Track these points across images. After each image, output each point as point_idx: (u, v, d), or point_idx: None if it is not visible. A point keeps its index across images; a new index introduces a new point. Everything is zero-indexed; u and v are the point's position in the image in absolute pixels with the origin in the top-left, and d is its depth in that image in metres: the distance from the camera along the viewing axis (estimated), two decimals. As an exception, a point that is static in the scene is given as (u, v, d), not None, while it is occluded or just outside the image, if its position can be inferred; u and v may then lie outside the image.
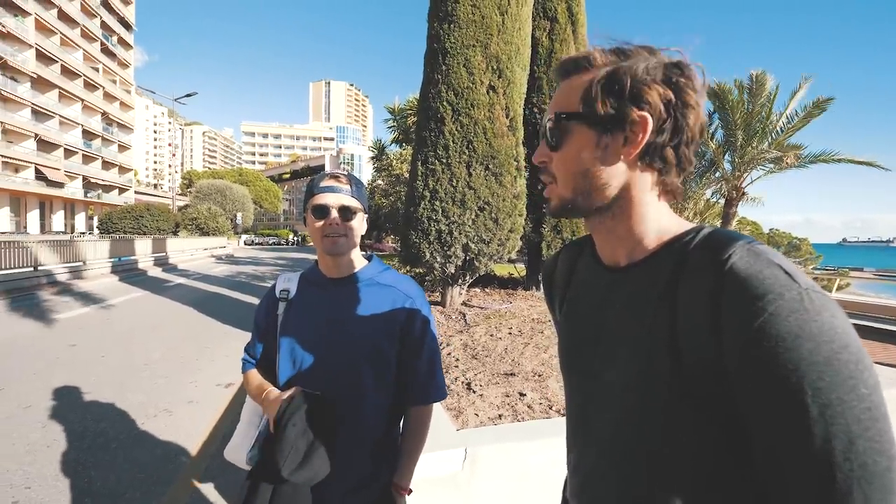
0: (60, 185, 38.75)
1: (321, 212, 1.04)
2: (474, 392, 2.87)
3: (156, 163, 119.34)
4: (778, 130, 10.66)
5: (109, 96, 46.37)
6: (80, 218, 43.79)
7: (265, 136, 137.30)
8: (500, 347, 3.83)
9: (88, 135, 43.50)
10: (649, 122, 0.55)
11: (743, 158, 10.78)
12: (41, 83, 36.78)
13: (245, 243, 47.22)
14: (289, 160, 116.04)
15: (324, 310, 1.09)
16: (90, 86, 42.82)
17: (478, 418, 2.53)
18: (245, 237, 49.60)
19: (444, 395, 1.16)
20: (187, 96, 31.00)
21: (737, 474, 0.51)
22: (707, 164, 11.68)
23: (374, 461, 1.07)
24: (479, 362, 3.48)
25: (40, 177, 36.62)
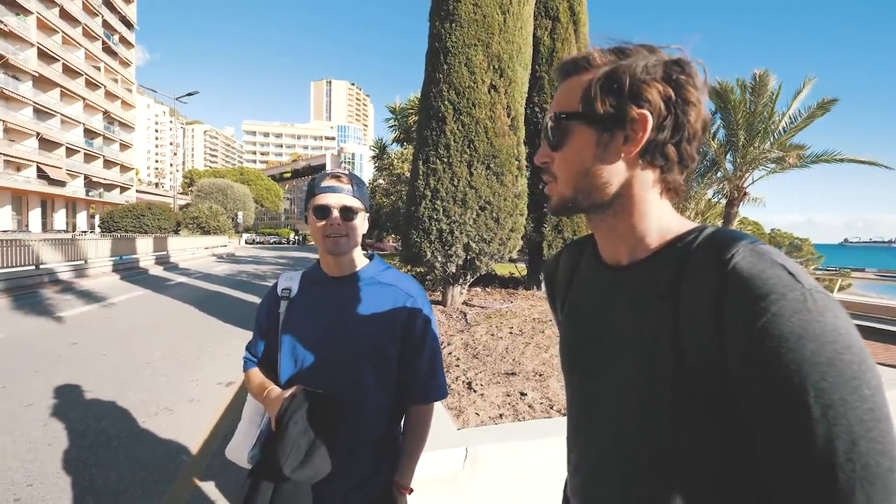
0: (62, 183, 38.83)
1: (322, 212, 1.04)
2: (475, 391, 2.87)
3: (157, 162, 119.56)
4: (780, 130, 10.64)
5: (111, 95, 46.46)
6: (81, 216, 43.89)
7: (266, 135, 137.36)
8: (501, 347, 3.83)
9: (90, 133, 43.59)
10: (649, 119, 0.55)
11: (745, 158, 10.76)
12: (43, 82, 36.87)
13: (246, 242, 47.31)
14: (290, 159, 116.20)
15: (325, 308, 1.09)
16: (92, 84, 42.91)
17: (478, 418, 2.53)
18: (246, 236, 49.70)
19: (445, 395, 1.16)
20: (188, 95, 31.06)
21: (739, 474, 0.51)
22: (709, 164, 11.67)
23: (376, 460, 1.07)
24: (480, 362, 3.48)
25: (42, 175, 36.70)
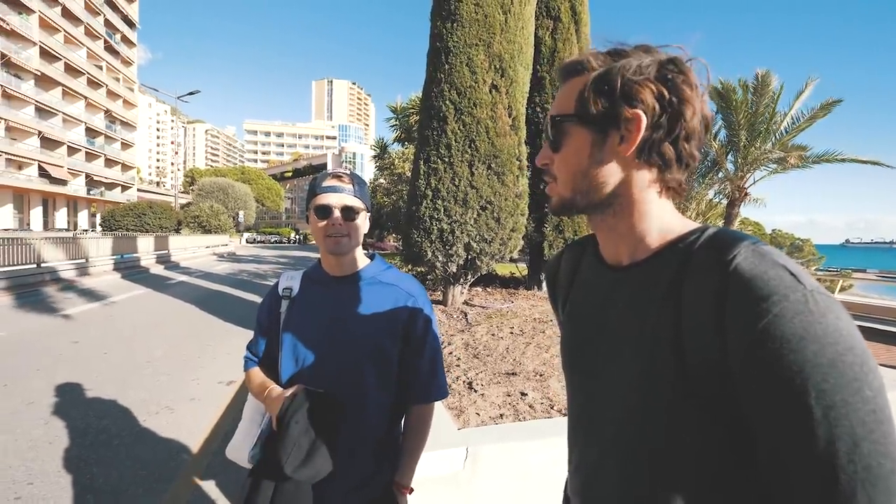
0: (63, 182, 38.91)
1: (324, 212, 1.04)
2: (475, 391, 2.87)
3: (158, 160, 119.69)
4: (782, 131, 10.62)
5: (112, 94, 46.53)
6: (82, 215, 43.98)
7: (268, 134, 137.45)
8: (502, 347, 3.83)
9: (91, 132, 43.67)
10: (642, 119, 0.56)
11: (746, 159, 10.74)
12: (45, 80, 36.94)
13: (247, 241, 47.38)
14: (291, 158, 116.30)
15: (327, 308, 1.09)
16: (93, 83, 42.98)
17: (479, 418, 2.53)
18: (247, 235, 49.75)
19: (445, 394, 1.16)
20: (190, 94, 31.09)
21: (740, 475, 0.51)
22: (710, 165, 11.66)
23: (376, 459, 1.08)
24: (481, 361, 3.48)
25: (43, 174, 36.78)
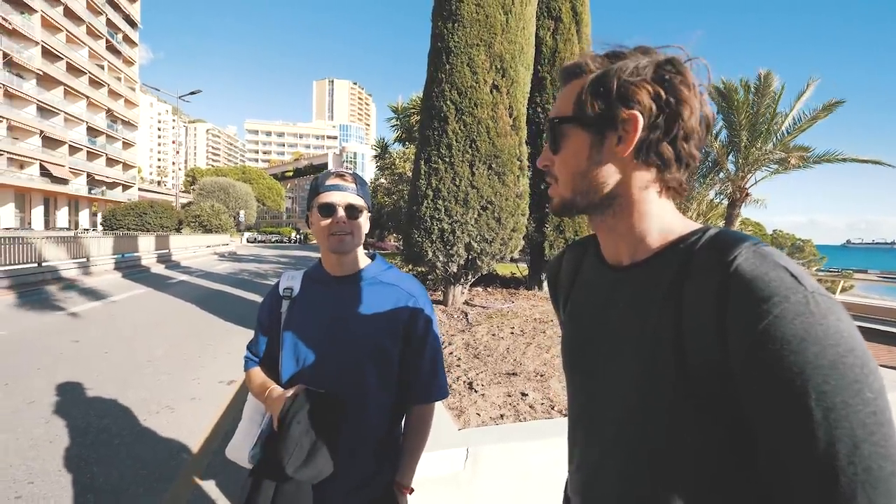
0: (65, 181, 38.93)
1: (328, 210, 1.05)
2: (476, 392, 2.87)
3: (160, 160, 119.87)
4: (783, 131, 10.61)
5: (114, 93, 46.55)
6: (84, 214, 44.01)
7: (268, 133, 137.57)
8: (502, 347, 3.83)
9: (93, 132, 43.68)
10: (639, 119, 0.56)
11: (747, 159, 10.73)
12: (47, 80, 36.97)
13: (248, 241, 47.42)
14: (292, 158, 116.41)
15: (328, 308, 1.09)
16: (95, 83, 43.00)
17: (479, 418, 2.53)
18: (248, 235, 49.81)
19: (446, 394, 1.16)
20: (191, 94, 31.12)
21: (740, 475, 0.51)
22: (711, 165, 11.65)
23: (377, 460, 1.08)
24: (481, 362, 3.48)
25: (45, 173, 36.81)
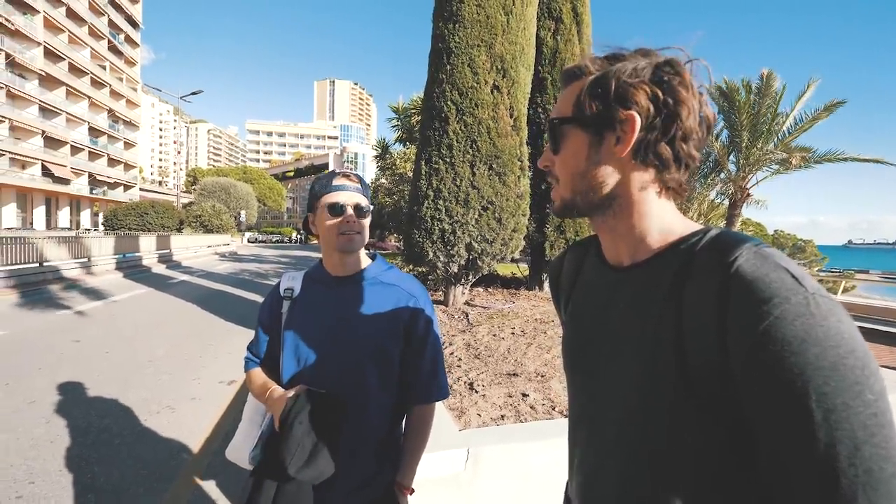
0: (66, 181, 38.99)
1: (337, 210, 1.06)
2: (477, 392, 2.87)
3: (161, 160, 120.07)
4: (784, 131, 10.60)
5: (116, 94, 46.63)
6: (85, 214, 44.09)
7: (269, 134, 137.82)
8: (503, 347, 3.83)
9: (95, 132, 43.75)
10: (636, 119, 0.57)
11: (748, 159, 10.72)
12: (49, 80, 37.04)
13: (249, 241, 47.53)
14: (293, 158, 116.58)
15: (328, 308, 1.09)
16: (97, 83, 43.08)
17: (480, 419, 2.52)
18: (249, 235, 49.94)
19: (446, 395, 1.16)
20: (193, 94, 31.13)
21: (741, 476, 0.51)
22: (711, 165, 11.64)
23: (378, 460, 1.08)
24: (482, 362, 3.48)
25: (46, 173, 36.87)
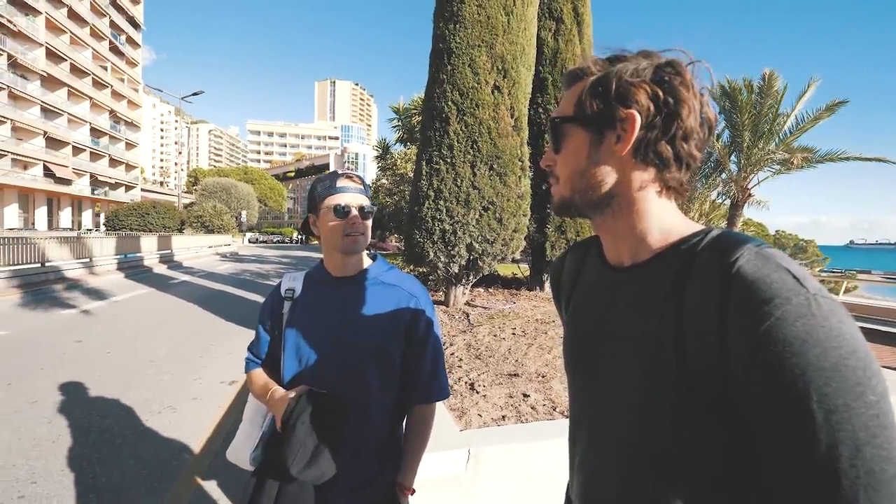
0: (68, 182, 39.08)
1: (343, 211, 1.06)
2: (478, 392, 2.87)
3: (162, 161, 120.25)
4: (786, 131, 10.58)
5: (117, 95, 46.73)
6: (87, 215, 44.18)
7: (270, 134, 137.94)
8: (504, 348, 3.82)
9: (96, 132, 43.85)
10: (637, 118, 0.57)
11: (749, 160, 10.71)
12: (50, 81, 37.13)
13: (249, 241, 47.61)
14: (293, 159, 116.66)
15: (330, 309, 1.10)
16: (98, 84, 43.17)
17: (481, 419, 2.52)
18: (250, 235, 50.00)
19: (446, 395, 1.16)
20: (194, 95, 31.12)
21: (742, 476, 0.51)
22: (713, 166, 11.62)
23: (379, 461, 1.08)
24: (483, 363, 3.48)
25: (48, 174, 36.96)
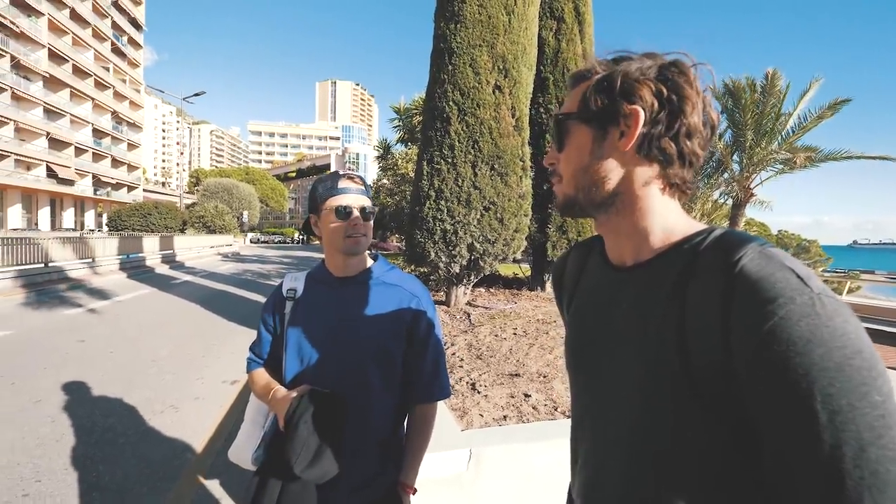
0: (71, 182, 39.18)
1: (344, 212, 1.06)
2: (479, 392, 2.87)
3: (164, 161, 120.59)
4: (788, 131, 10.55)
5: (119, 95, 46.83)
6: (89, 215, 44.29)
7: (272, 134, 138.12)
8: (505, 348, 3.82)
9: (98, 133, 43.95)
10: (640, 113, 0.57)
11: (752, 159, 10.68)
12: (53, 82, 37.24)
13: (251, 241, 47.67)
14: (295, 159, 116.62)
15: (331, 309, 1.10)
16: (101, 85, 43.28)
17: (482, 419, 2.52)
18: (251, 235, 50.05)
19: (448, 394, 1.16)
20: (195, 95, 31.19)
21: (745, 476, 0.51)
22: (715, 165, 11.59)
23: (381, 460, 1.08)
24: (484, 363, 3.48)
25: (51, 174, 37.07)
